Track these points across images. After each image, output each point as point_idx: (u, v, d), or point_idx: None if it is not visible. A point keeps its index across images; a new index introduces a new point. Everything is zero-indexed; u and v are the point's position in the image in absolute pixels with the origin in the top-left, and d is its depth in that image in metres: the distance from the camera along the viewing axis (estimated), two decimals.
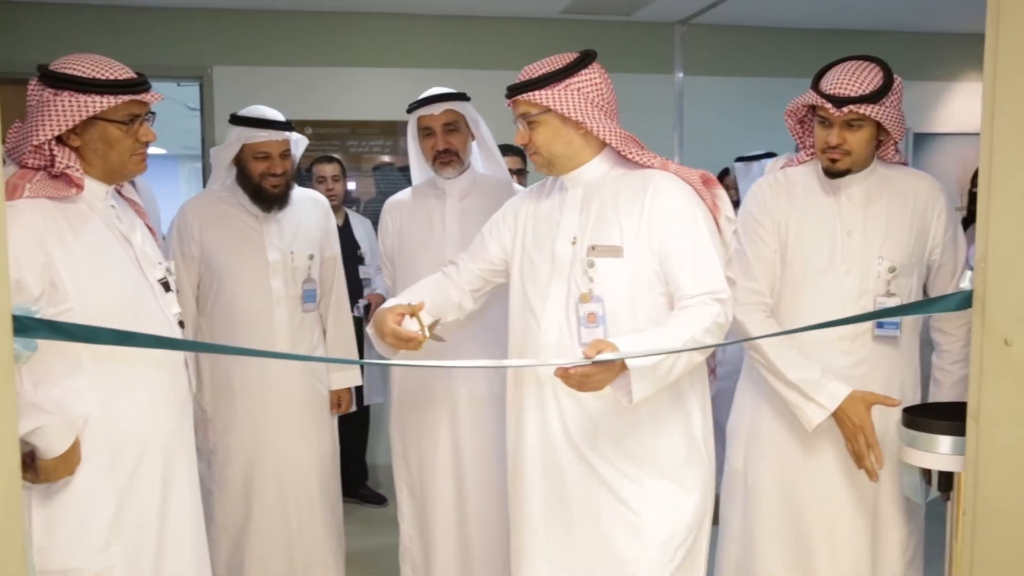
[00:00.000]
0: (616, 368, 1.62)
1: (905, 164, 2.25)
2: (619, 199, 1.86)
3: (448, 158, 2.57)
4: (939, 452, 1.72)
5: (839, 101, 1.97)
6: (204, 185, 4.71)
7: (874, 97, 1.97)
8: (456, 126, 2.58)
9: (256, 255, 2.64)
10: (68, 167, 1.71)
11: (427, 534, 2.59)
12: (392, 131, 4.85)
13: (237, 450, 2.62)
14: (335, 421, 2.82)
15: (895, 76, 2.02)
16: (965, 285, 1.52)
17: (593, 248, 1.84)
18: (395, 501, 2.72)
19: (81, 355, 1.69)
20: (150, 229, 1.96)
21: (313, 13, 4.70)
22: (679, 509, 1.81)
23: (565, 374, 1.62)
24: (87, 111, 1.68)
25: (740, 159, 4.44)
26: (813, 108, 2.09)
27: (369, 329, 1.94)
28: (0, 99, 1.48)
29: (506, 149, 3.88)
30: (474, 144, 2.70)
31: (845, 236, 2.08)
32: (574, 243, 1.88)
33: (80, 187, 1.73)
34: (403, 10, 4.74)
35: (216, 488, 2.63)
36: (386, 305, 1.93)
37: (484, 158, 2.74)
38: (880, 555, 2.13)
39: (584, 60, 1.86)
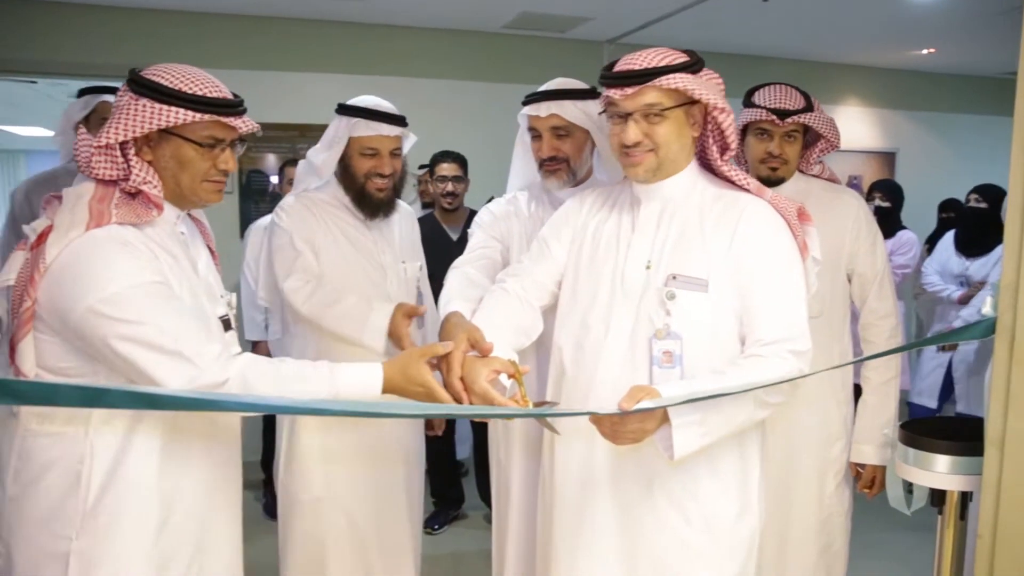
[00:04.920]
0: (658, 418, 1.32)
1: (833, 180, 2.17)
2: (704, 223, 1.48)
3: (555, 166, 1.90)
4: (936, 471, 1.60)
5: (783, 113, 2.00)
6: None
7: (807, 109, 2.03)
8: (567, 130, 1.90)
9: (370, 262, 2.10)
10: (146, 182, 1.37)
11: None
12: None
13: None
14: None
15: (812, 98, 2.08)
16: (987, 311, 1.38)
17: (674, 278, 1.46)
18: None
19: (89, 417, 1.30)
20: (212, 253, 1.58)
21: (261, 18, 4.32)
22: (720, 570, 1.49)
23: (599, 420, 1.33)
24: (159, 122, 1.34)
25: None
26: (744, 126, 2.09)
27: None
28: None
29: (444, 155, 3.63)
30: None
31: None
32: (648, 268, 1.49)
33: (160, 208, 1.38)
34: (350, 18, 4.42)
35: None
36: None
37: (604, 163, 2.07)
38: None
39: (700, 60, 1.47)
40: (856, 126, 5.87)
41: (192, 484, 1.41)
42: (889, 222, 4.15)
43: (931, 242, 4.34)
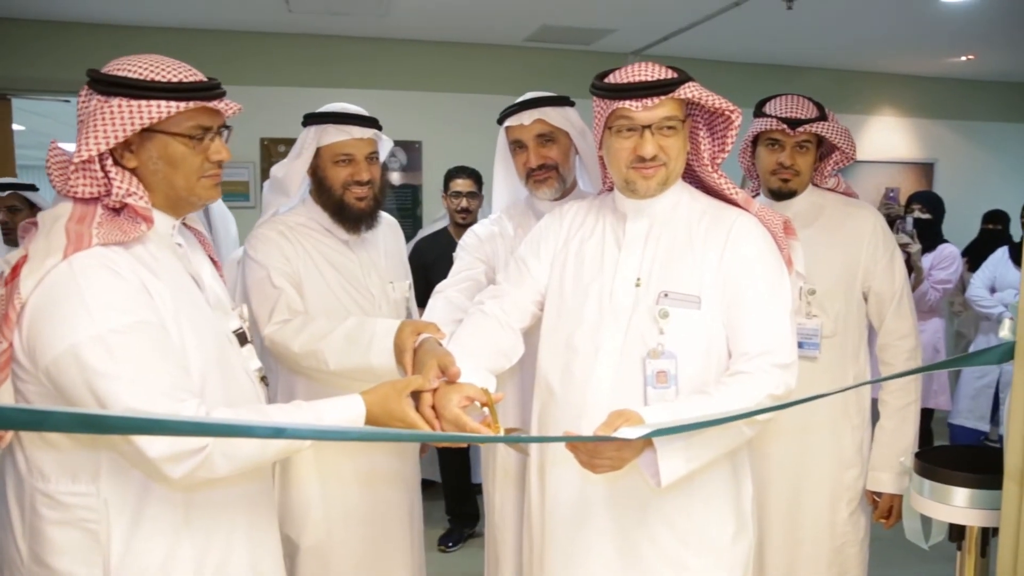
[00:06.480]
0: (636, 446, 1.25)
1: (849, 194, 2.06)
2: (693, 238, 1.44)
3: (544, 175, 1.85)
4: (953, 504, 1.47)
5: (794, 123, 1.91)
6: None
7: (820, 119, 1.94)
8: (552, 136, 1.87)
9: (357, 288, 1.92)
10: (130, 194, 1.21)
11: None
12: None
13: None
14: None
15: (826, 109, 1.99)
16: (1005, 335, 1.27)
17: (666, 295, 1.41)
18: None
19: (99, 460, 1.17)
20: (214, 262, 1.44)
21: (284, 35, 4.37)
22: None
23: (575, 447, 1.26)
24: (141, 120, 1.18)
25: None
26: (755, 137, 2.00)
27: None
28: None
29: (459, 171, 3.59)
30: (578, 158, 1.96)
31: None
32: (638, 285, 1.44)
33: (149, 220, 1.23)
34: (371, 34, 4.43)
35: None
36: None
37: (585, 173, 2.00)
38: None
39: None
40: (892, 136, 5.68)
41: (227, 528, 1.28)
42: (929, 235, 3.95)
43: (968, 253, 4.12)
